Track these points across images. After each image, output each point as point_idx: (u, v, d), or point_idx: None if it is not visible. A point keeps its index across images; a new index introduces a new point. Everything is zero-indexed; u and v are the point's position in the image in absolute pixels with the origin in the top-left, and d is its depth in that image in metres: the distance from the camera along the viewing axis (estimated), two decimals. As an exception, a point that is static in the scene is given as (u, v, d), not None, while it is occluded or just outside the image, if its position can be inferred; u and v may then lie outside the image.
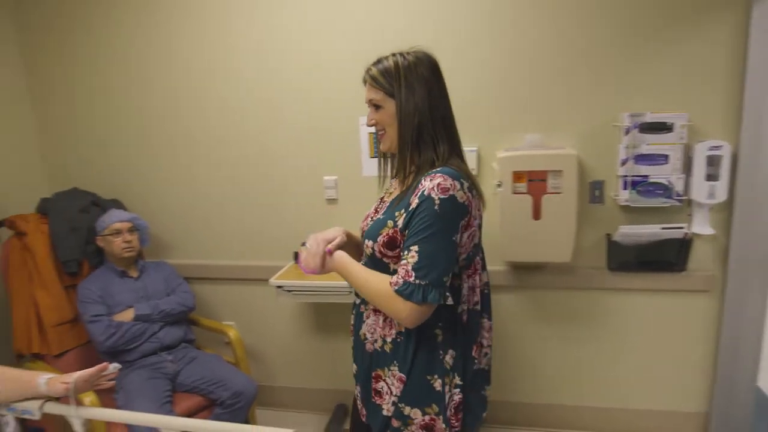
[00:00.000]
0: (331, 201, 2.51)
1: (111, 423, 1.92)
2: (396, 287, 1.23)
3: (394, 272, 1.29)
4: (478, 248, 1.40)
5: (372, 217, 1.44)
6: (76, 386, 1.40)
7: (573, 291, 2.36)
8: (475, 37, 2.21)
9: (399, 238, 1.29)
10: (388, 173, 1.48)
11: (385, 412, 1.38)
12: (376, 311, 1.38)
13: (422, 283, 1.21)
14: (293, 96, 2.42)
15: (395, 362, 1.35)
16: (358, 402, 1.52)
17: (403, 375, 1.34)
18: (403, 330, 1.33)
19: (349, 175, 2.47)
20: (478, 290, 1.41)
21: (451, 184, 1.24)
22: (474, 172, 2.28)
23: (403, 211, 1.29)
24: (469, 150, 2.28)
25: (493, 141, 2.27)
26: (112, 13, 2.52)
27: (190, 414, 2.14)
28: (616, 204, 2.22)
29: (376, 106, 1.36)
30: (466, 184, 1.27)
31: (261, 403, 2.74)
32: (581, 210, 2.21)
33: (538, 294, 2.40)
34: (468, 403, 1.39)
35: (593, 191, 2.24)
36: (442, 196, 1.22)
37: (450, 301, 1.28)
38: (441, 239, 1.23)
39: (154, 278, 2.44)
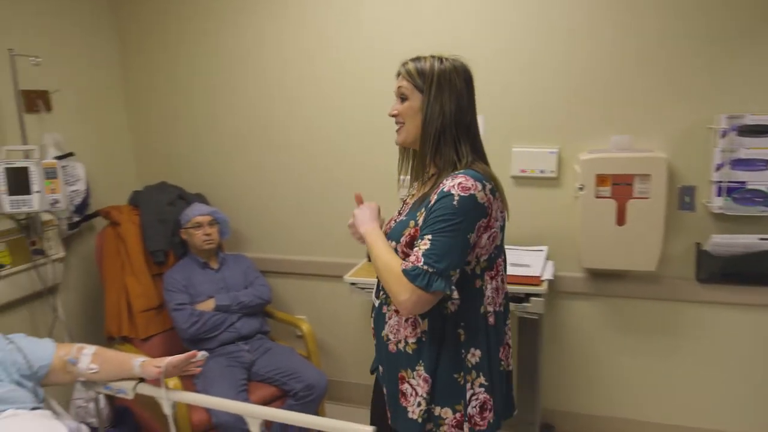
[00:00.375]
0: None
1: (192, 406, 2.01)
2: (404, 267, 1.24)
3: None
4: (500, 250, 1.41)
5: (395, 220, 1.46)
6: (167, 371, 1.47)
7: (656, 302, 2.24)
8: (556, 34, 2.15)
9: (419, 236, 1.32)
10: (405, 169, 1.50)
11: (410, 415, 1.37)
12: (398, 312, 1.38)
13: (429, 270, 1.22)
14: (372, 96, 2.44)
15: (420, 362, 1.35)
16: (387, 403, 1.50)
17: (428, 375, 1.34)
18: (426, 329, 1.34)
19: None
20: (502, 292, 1.42)
21: (472, 185, 1.25)
22: (553, 175, 2.23)
23: (423, 210, 1.30)
24: (549, 151, 2.21)
25: (577, 142, 2.20)
26: (208, 15, 2.64)
27: (264, 403, 2.20)
28: (707, 211, 2.09)
29: (402, 98, 1.38)
30: (488, 186, 1.28)
31: (329, 398, 2.78)
32: (669, 216, 2.09)
33: (618, 303, 2.30)
34: (495, 404, 1.38)
35: (683, 197, 2.12)
36: (462, 194, 1.24)
37: (455, 296, 1.28)
38: (455, 234, 1.24)
39: (234, 270, 2.53)
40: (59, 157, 2.35)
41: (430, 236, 1.24)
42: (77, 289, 2.64)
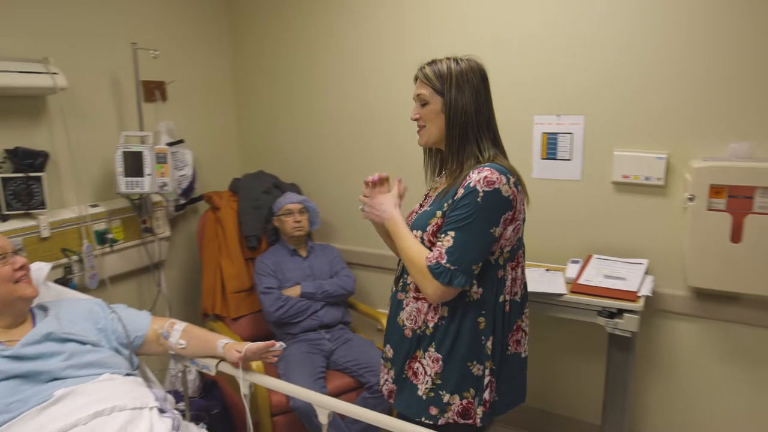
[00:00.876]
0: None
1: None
2: (429, 263, 1.31)
3: None
4: (521, 241, 1.46)
5: (417, 212, 1.52)
6: (246, 355, 1.54)
7: (774, 331, 1.99)
8: (672, 34, 1.95)
9: None
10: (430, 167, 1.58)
11: (420, 393, 1.42)
12: (417, 298, 1.43)
13: (452, 267, 1.29)
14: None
15: (433, 343, 1.41)
16: (384, 388, 1.56)
17: (439, 355, 1.40)
18: (446, 315, 1.39)
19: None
20: (519, 281, 1.47)
21: (497, 178, 1.29)
22: (660, 182, 2.05)
23: (450, 201, 1.35)
24: (657, 156, 2.03)
25: (689, 148, 2.00)
26: (314, 9, 2.72)
27: (340, 392, 2.24)
28: None
29: (423, 103, 1.42)
30: (512, 179, 1.33)
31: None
32: (796, 236, 1.84)
33: (726, 327, 2.07)
34: (499, 388, 1.45)
35: (815, 215, 1.86)
36: (487, 189, 1.28)
37: (475, 289, 1.36)
38: (478, 229, 1.29)
39: (321, 259, 2.60)
40: (171, 144, 2.54)
41: (453, 233, 1.30)
42: (179, 267, 2.85)
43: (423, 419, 1.43)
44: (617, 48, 2.05)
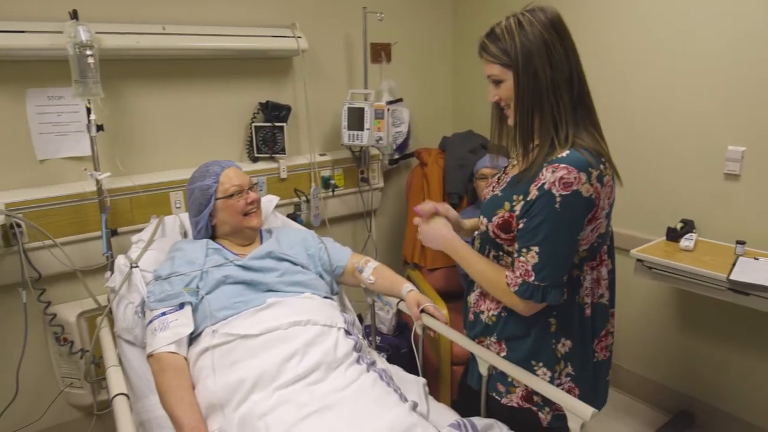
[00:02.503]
0: (731, 176, 2.09)
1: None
2: (515, 289, 1.22)
3: (507, 253, 1.29)
4: (604, 237, 1.29)
5: (493, 188, 1.38)
6: (423, 310, 1.66)
7: None
8: None
9: (514, 224, 1.23)
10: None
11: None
12: None
13: (542, 284, 1.19)
14: (707, 57, 2.08)
15: (495, 333, 1.36)
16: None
17: (504, 347, 1.35)
18: (508, 308, 1.31)
19: (764, 148, 1.99)
20: (604, 282, 1.32)
21: (575, 177, 1.12)
22: None
23: (521, 197, 1.21)
24: None
25: None
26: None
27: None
28: None
29: (495, 82, 1.26)
30: (594, 174, 1.14)
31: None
32: None
33: None
34: (581, 394, 1.32)
35: None
36: (564, 193, 1.13)
37: (565, 297, 1.24)
38: (561, 238, 1.17)
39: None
40: (390, 102, 2.75)
41: (537, 248, 1.17)
42: (388, 215, 3.11)
43: (492, 394, 1.41)
44: None
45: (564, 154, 1.16)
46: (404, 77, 2.95)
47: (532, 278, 1.19)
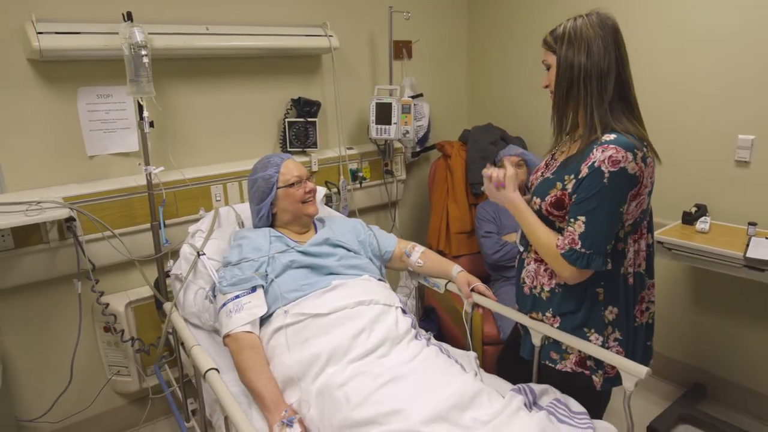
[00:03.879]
0: (742, 163, 2.25)
1: (485, 318, 2.32)
2: (562, 251, 1.33)
3: (560, 230, 1.39)
4: (645, 213, 1.41)
5: (543, 173, 1.49)
6: (475, 289, 1.79)
7: None
8: None
9: (566, 201, 1.35)
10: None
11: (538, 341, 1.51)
12: (537, 260, 1.48)
13: (587, 252, 1.30)
14: (717, 49, 2.22)
15: (550, 309, 1.47)
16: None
17: (558, 320, 1.46)
18: (562, 283, 1.42)
19: (772, 137, 2.15)
20: (643, 254, 1.44)
21: (623, 156, 1.25)
22: None
23: (572, 176, 1.33)
24: None
25: None
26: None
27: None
28: None
29: (547, 67, 1.42)
30: (639, 155, 1.27)
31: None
32: None
33: None
34: (627, 355, 1.45)
35: None
36: (612, 169, 1.25)
37: (609, 266, 1.36)
38: (607, 211, 1.29)
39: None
40: (412, 97, 2.87)
41: (584, 218, 1.30)
42: (411, 206, 3.24)
43: (545, 362, 1.53)
44: None
45: (612, 137, 1.28)
46: (422, 73, 3.07)
47: (579, 245, 1.32)
